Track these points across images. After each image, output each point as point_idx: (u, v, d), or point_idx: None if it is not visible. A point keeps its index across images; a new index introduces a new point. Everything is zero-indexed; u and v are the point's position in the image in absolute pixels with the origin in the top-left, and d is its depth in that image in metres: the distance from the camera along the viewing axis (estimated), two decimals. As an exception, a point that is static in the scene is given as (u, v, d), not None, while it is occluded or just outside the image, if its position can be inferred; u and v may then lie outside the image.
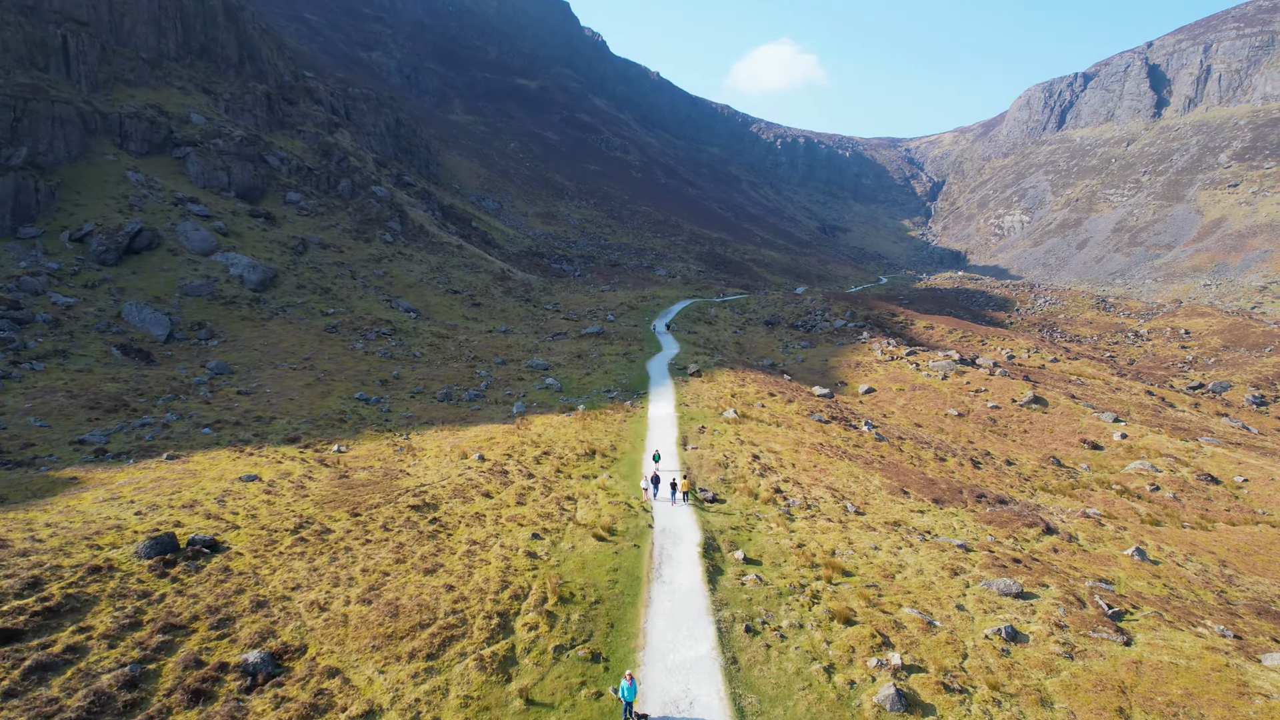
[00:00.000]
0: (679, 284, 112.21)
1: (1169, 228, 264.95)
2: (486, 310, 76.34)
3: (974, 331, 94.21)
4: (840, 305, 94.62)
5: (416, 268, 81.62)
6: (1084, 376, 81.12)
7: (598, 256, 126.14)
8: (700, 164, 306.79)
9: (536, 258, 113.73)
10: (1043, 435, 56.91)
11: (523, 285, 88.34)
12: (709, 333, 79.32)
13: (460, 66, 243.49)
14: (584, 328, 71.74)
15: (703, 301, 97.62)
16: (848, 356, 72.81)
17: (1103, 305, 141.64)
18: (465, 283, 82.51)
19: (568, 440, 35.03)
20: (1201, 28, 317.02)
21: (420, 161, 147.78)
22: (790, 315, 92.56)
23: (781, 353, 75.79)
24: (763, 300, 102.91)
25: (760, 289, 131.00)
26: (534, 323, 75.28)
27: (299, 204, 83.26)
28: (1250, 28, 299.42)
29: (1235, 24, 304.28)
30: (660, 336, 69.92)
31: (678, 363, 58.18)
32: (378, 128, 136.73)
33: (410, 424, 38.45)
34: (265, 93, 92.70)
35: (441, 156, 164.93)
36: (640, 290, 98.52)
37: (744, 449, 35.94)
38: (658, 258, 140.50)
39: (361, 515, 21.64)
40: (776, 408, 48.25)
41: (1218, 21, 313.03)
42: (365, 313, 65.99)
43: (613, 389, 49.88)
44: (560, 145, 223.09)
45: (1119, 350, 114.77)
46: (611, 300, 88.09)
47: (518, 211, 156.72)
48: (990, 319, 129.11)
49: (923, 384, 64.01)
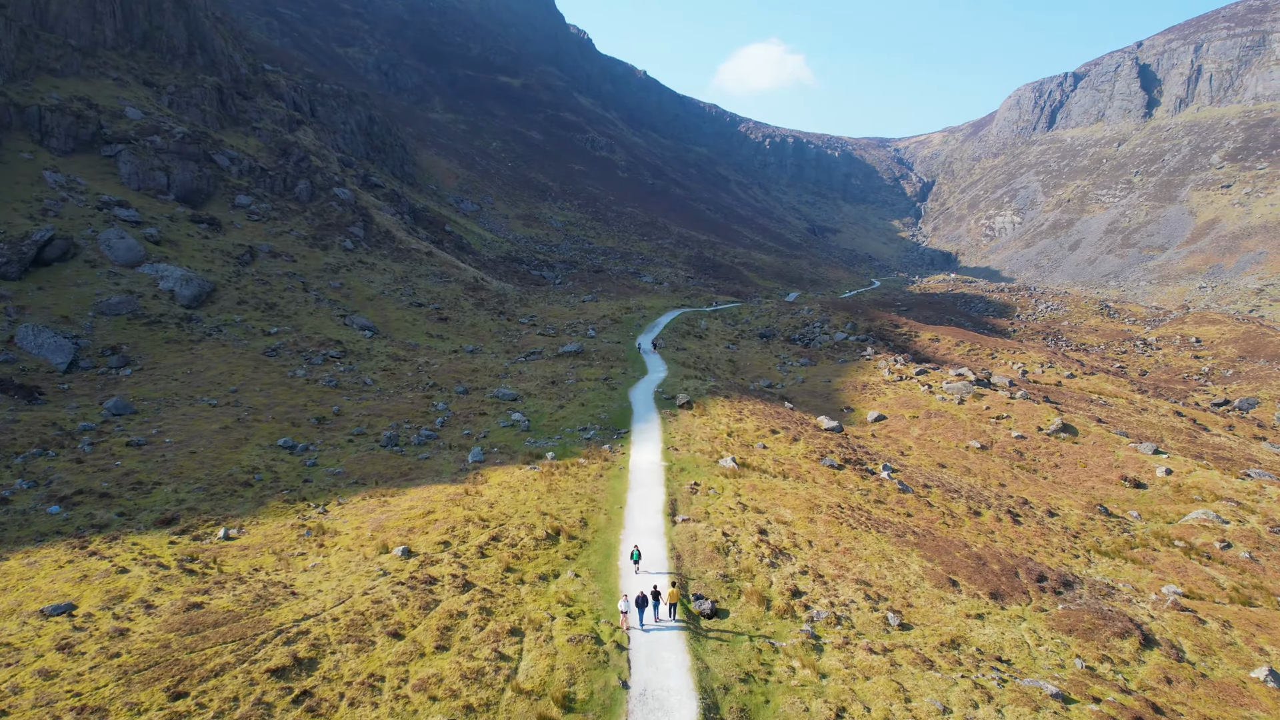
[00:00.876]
0: (666, 291, 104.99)
1: (1162, 229, 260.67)
2: (454, 326, 68.72)
3: (981, 344, 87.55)
4: (840, 316, 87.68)
5: (378, 278, 73.86)
6: (1105, 395, 74.54)
7: (581, 262, 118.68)
8: (688, 164, 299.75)
9: (515, 264, 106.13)
10: (1076, 470, 50.08)
11: (497, 296, 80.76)
12: (699, 349, 72.07)
13: (441, 63, 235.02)
14: (561, 345, 64.33)
15: (692, 312, 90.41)
16: (852, 376, 65.77)
17: (1106, 311, 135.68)
18: (432, 294, 74.81)
19: (527, 511, 27.65)
20: (1192, 27, 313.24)
21: (394, 161, 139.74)
22: (786, 327, 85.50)
23: (779, 371, 68.65)
24: (756, 310, 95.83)
25: (752, 295, 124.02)
26: (506, 339, 67.73)
27: (249, 208, 75.28)
28: (1241, 27, 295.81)
29: (1226, 24, 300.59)
30: (646, 356, 62.57)
31: (665, 390, 50.88)
32: (348, 125, 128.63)
33: (335, 487, 30.95)
34: (216, 86, 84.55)
35: (418, 156, 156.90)
36: (625, 300, 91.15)
37: (748, 519, 28.70)
38: (644, 262, 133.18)
39: (188, 696, 14.20)
40: (780, 449, 41.04)
41: (1208, 21, 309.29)
42: (314, 331, 58.23)
43: (589, 427, 42.50)
44: (544, 144, 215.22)
45: (1128, 360, 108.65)
46: (593, 312, 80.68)
47: (498, 214, 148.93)
48: (992, 327, 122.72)
49: (938, 410, 57.04)
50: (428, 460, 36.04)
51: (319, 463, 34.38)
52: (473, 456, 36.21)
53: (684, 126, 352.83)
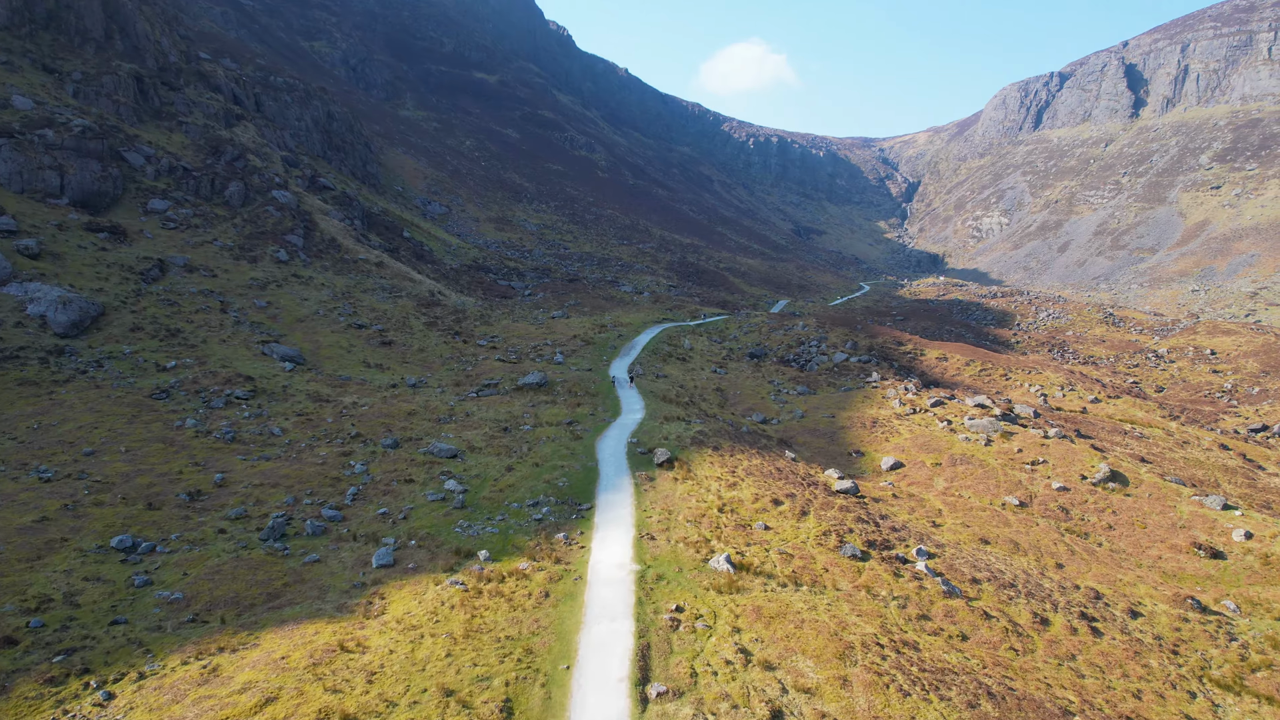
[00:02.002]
0: (647, 303, 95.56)
1: (1152, 230, 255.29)
2: (398, 352, 58.85)
3: (992, 362, 78.98)
4: (838, 333, 78.68)
5: (314, 295, 63.79)
6: (1136, 424, 66.08)
7: (555, 269, 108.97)
8: (671, 164, 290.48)
9: (481, 273, 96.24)
10: (1135, 534, 41.26)
11: (454, 313, 70.93)
12: (682, 375, 62.71)
13: (413, 59, 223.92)
14: (523, 374, 54.74)
15: (675, 328, 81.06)
16: (859, 410, 56.70)
17: (1111, 320, 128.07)
18: (377, 313, 64.86)
19: (424, 689, 18.15)
20: (1178, 27, 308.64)
21: (355, 161, 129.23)
22: (779, 346, 76.37)
23: (774, 402, 59.45)
24: (745, 324, 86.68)
25: (739, 305, 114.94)
26: (459, 368, 57.97)
27: (165, 214, 64.93)
28: (1227, 27, 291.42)
29: (1212, 23, 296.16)
30: (620, 390, 53.10)
31: (642, 439, 41.45)
32: (302, 122, 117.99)
33: (156, 632, 21.23)
34: (135, 74, 73.95)
35: (383, 155, 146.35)
36: (600, 315, 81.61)
37: (752, 687, 19.38)
38: (623, 269, 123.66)
39: None
40: (787, 530, 31.79)
41: (1194, 21, 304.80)
42: (223, 364, 48.21)
43: (543, 500, 33.04)
44: (520, 143, 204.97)
45: (1141, 374, 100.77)
46: (563, 331, 71.07)
47: (468, 216, 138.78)
48: (994, 338, 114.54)
49: (964, 455, 48.09)
50: (315, 565, 26.37)
51: (155, 579, 24.58)
52: (378, 559, 26.59)
53: (667, 125, 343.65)
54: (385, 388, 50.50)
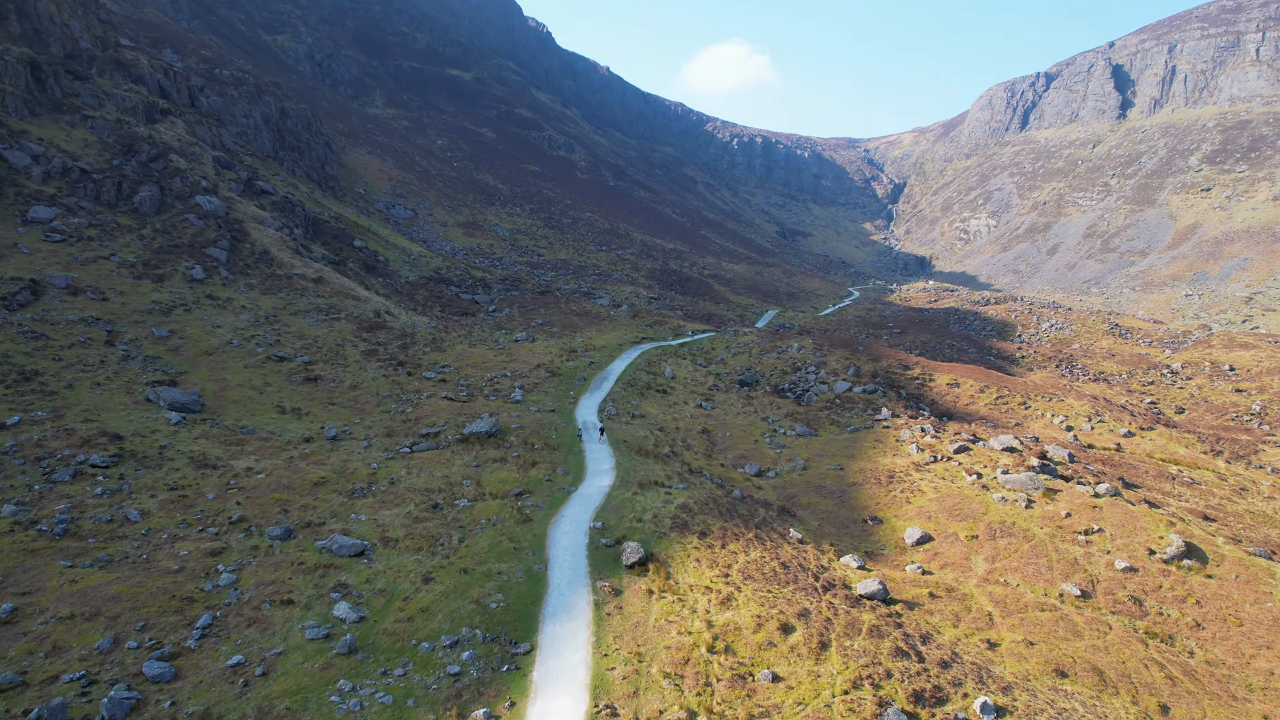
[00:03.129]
0: (625, 318, 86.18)
1: (1142, 233, 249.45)
2: (326, 390, 49.04)
3: (1008, 388, 70.39)
4: (837, 356, 69.70)
5: (230, 320, 53.78)
6: (1181, 464, 57.68)
7: (526, 280, 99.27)
8: (653, 164, 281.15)
9: (441, 286, 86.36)
10: (1234, 638, 32.45)
11: (400, 338, 61.11)
12: (663, 413, 53.41)
13: (384, 54, 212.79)
14: (471, 419, 45.24)
15: (655, 349, 71.76)
16: (870, 458, 47.66)
17: (1118, 332, 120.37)
18: (305, 341, 54.96)
19: None
20: (1165, 27, 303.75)
21: (312, 161, 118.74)
22: (772, 372, 67.26)
23: (770, 448, 50.31)
24: (733, 343, 77.56)
25: (725, 318, 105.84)
26: (398, 409, 48.29)
27: (51, 224, 54.64)
28: (1215, 28, 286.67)
29: (1199, 24, 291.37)
30: (588, 441, 43.63)
31: (609, 523, 32.08)
32: (251, 119, 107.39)
33: None
34: (28, 60, 63.41)
35: (346, 155, 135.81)
36: (571, 336, 72.07)
37: None
38: (601, 278, 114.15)
39: None
40: (803, 683, 22.58)
41: (1181, 21, 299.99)
42: (87, 417, 38.25)
43: (465, 637, 23.62)
44: (496, 143, 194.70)
45: (1158, 393, 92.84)
46: (527, 358, 61.47)
47: (435, 221, 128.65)
48: (998, 352, 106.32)
49: (1003, 522, 39.15)
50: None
51: None
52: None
53: (649, 125, 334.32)
54: (297, 442, 40.72)
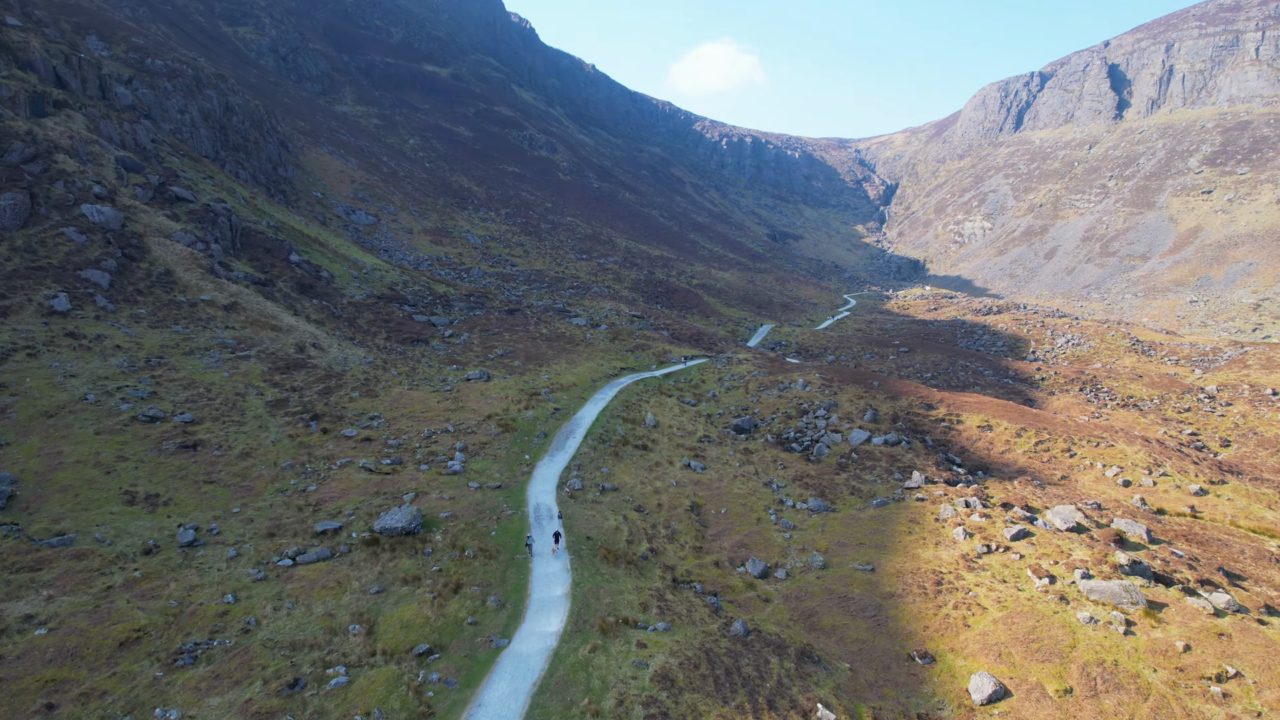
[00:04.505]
0: (603, 341, 74.97)
1: (1142, 236, 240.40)
2: (204, 462, 37.48)
3: (1047, 429, 59.61)
4: (850, 395, 58.72)
5: (93, 366, 42.09)
6: (1276, 535, 47.14)
7: (494, 295, 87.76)
8: (640, 165, 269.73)
9: (393, 305, 74.75)
10: None
11: (324, 379, 49.56)
12: (641, 481, 42.22)
13: (355, 49, 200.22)
14: (389, 504, 33.95)
15: (636, 384, 60.56)
16: (907, 549, 36.62)
17: (1140, 349, 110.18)
18: (195, 390, 43.33)
19: None
20: (1161, 26, 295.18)
21: (261, 162, 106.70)
22: (774, 415, 56.20)
23: (777, 529, 39.21)
24: (726, 374, 66.48)
25: (716, 338, 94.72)
26: (298, 486, 36.82)
27: None
28: (1213, 27, 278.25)
29: (1197, 23, 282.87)
30: (538, 545, 32.31)
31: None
32: (186, 115, 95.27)
33: None
34: None
35: (304, 155, 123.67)
36: (537, 370, 60.65)
37: None
38: (579, 292, 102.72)
39: None
40: None
41: (1178, 20, 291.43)
42: None
43: None
44: (473, 142, 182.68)
45: (1197, 421, 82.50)
46: (478, 404, 50.03)
47: (400, 227, 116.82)
48: (1016, 375, 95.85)
49: (1100, 661, 28.18)
50: None
51: None
52: None
53: (636, 125, 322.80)
54: (132, 557, 29.24)
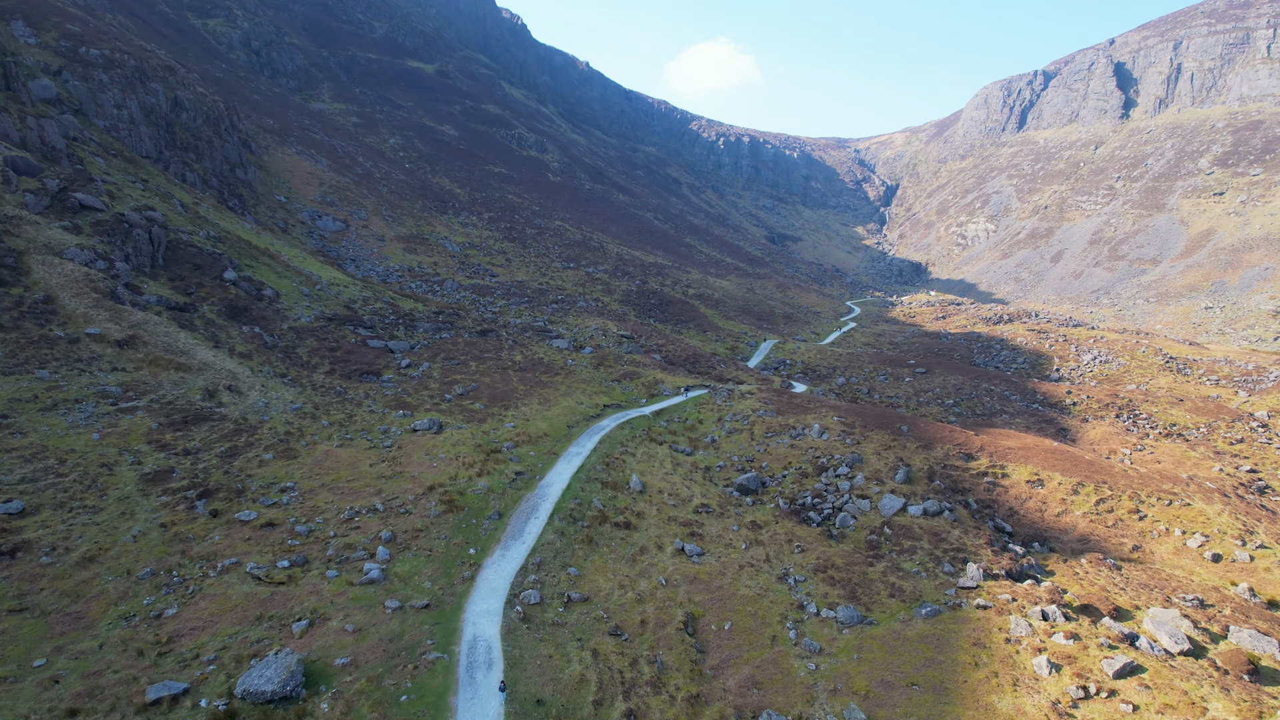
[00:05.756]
0: (586, 370, 64.98)
1: (1152, 240, 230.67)
2: (24, 575, 27.31)
3: (1107, 481, 49.75)
4: (874, 444, 48.78)
5: (-96, 433, 31.83)
6: None
7: (467, 312, 77.66)
8: (635, 165, 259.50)
9: (345, 328, 64.54)
10: None
11: (231, 435, 39.44)
12: (620, 582, 32.24)
13: (335, 44, 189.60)
14: (277, 635, 23.88)
15: (621, 430, 50.57)
16: (974, 694, 26.63)
17: (1175, 366, 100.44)
18: (44, 463, 33.16)
19: None
20: (1169, 24, 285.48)
21: (215, 162, 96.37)
22: (786, 471, 46.26)
23: (799, 655, 29.19)
24: (728, 413, 56.50)
25: (715, 360, 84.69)
26: (147, 609, 26.77)
27: None
28: (1222, 24, 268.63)
29: (1206, 20, 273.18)
30: (461, 711, 22.28)
31: None
32: (124, 110, 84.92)
33: None
34: None
35: (269, 156, 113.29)
36: (501, 415, 50.48)
37: None
38: (564, 306, 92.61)
39: None
40: None
41: (1186, 18, 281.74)
42: None
43: None
44: (458, 142, 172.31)
45: (1254, 455, 72.72)
46: (421, 469, 39.88)
47: (370, 234, 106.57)
48: (1045, 399, 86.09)
49: None
50: None
51: None
52: None
53: (631, 124, 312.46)
54: None
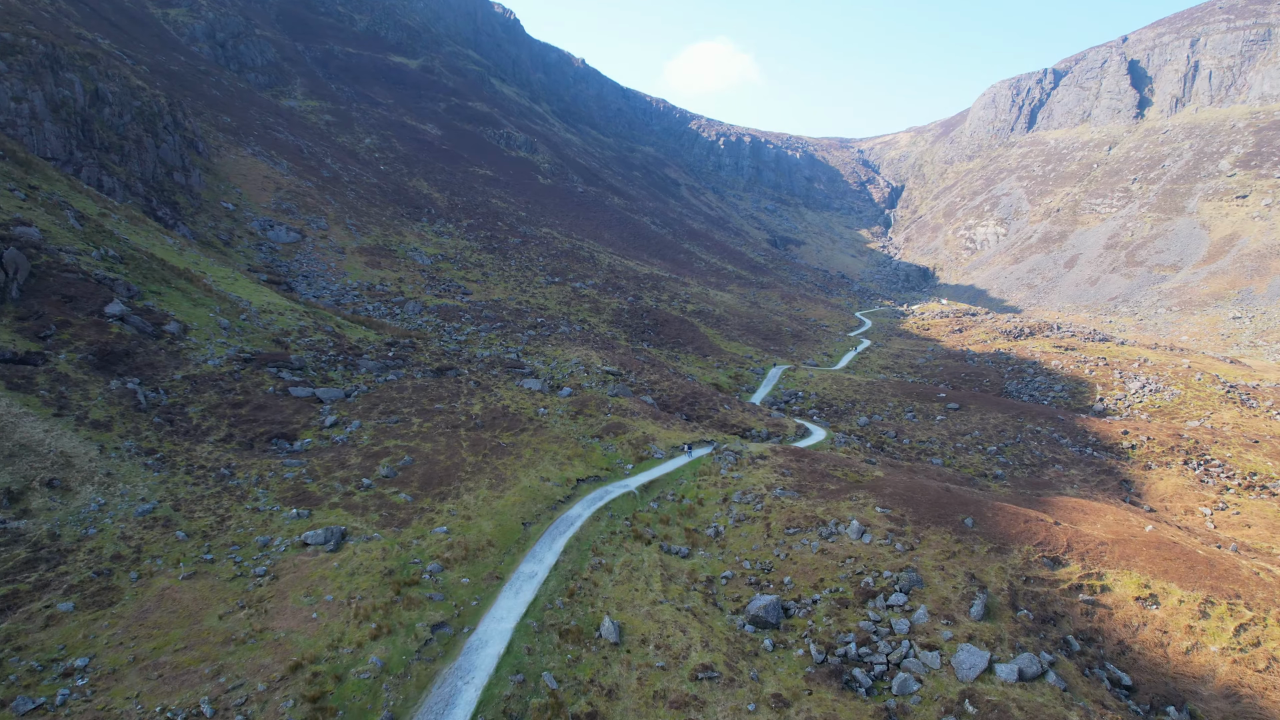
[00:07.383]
0: (560, 422, 52.25)
1: (1172, 244, 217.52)
2: None
3: (1239, 591, 37.16)
4: (936, 552, 36.03)
5: None
6: None
7: (425, 343, 64.87)
8: (632, 166, 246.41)
9: (264, 372, 51.57)
10: None
11: (15, 573, 26.62)
12: None
13: (312, 37, 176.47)
14: None
15: (598, 514, 37.86)
16: None
17: (1236, 394, 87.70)
18: None
19: None
20: (1185, 20, 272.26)
21: (148, 165, 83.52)
22: (818, 597, 33.46)
23: None
24: (735, 493, 43.81)
25: (718, 399, 71.84)
26: None
27: None
28: (1242, 20, 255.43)
29: (1224, 16, 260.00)
30: None
31: None
32: (25, 104, 72.13)
33: None
34: None
35: (220, 157, 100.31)
36: (436, 504, 37.64)
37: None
38: (543, 332, 79.76)
39: None
40: None
41: (1203, 14, 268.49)
42: None
43: None
44: (440, 141, 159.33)
45: (1357, 519, 59.92)
46: (293, 620, 27.14)
47: (330, 245, 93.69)
48: (1096, 439, 73.39)
49: None
50: None
51: None
52: None
53: (628, 123, 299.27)
54: None
